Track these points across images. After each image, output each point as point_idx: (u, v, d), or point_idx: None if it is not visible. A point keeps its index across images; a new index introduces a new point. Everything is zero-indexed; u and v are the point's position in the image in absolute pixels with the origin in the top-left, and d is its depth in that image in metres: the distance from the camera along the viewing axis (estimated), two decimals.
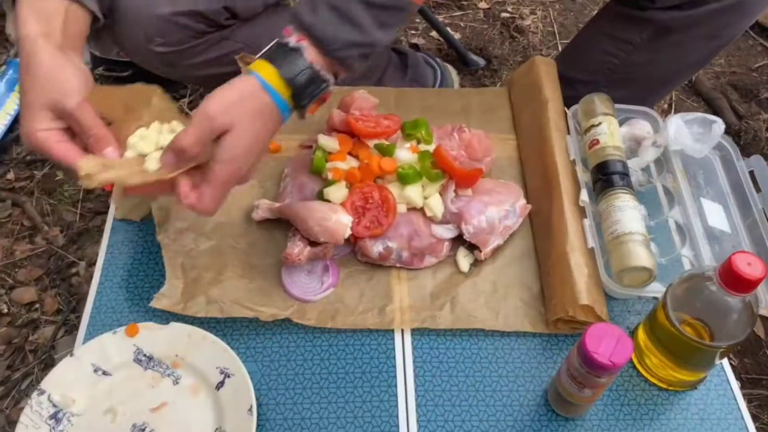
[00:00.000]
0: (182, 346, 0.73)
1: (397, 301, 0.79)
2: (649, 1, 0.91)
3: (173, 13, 0.86)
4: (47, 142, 0.65)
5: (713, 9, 0.88)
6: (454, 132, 0.90)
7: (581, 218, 0.81)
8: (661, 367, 0.74)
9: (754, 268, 0.61)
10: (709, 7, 0.88)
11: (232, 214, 0.84)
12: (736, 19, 0.91)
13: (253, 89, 0.66)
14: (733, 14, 0.90)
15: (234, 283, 0.78)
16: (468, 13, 1.67)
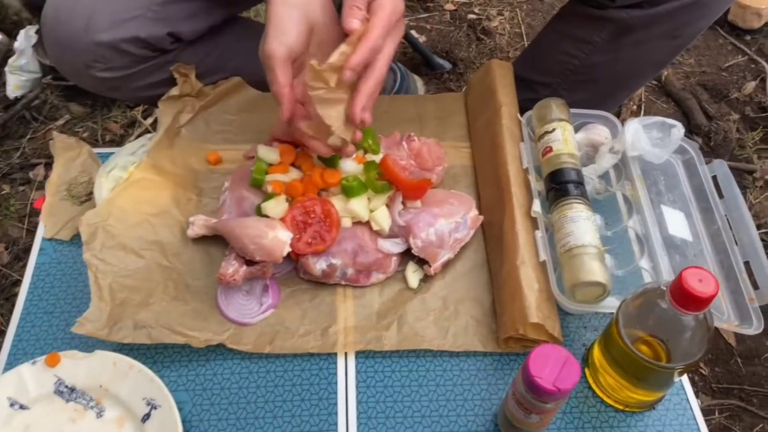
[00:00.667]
0: (107, 376, 0.69)
1: (342, 322, 0.75)
2: (609, 0, 0.88)
3: (114, 41, 0.82)
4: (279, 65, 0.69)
5: (673, 7, 0.85)
6: (402, 141, 0.86)
7: (533, 230, 0.77)
8: (618, 388, 0.70)
9: (705, 284, 0.58)
10: (669, 6, 0.85)
11: (167, 230, 0.80)
12: (696, 17, 0.88)
13: None
14: (693, 12, 0.86)
15: (165, 305, 0.74)
16: (434, 15, 1.64)
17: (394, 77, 1.19)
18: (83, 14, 0.81)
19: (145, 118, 1.37)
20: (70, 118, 1.37)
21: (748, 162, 1.39)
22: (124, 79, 0.88)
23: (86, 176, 0.86)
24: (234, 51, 0.92)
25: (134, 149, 0.87)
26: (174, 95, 0.89)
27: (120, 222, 0.78)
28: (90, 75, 0.85)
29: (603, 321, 0.78)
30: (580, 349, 0.75)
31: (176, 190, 0.83)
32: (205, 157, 0.87)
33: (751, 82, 1.50)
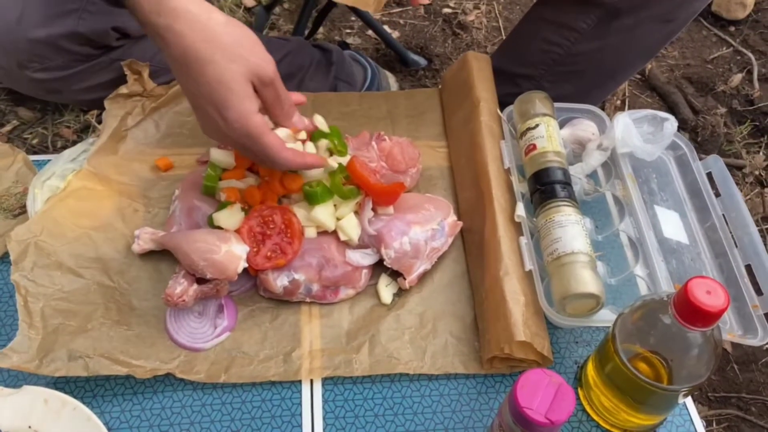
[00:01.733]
0: (37, 415, 0.60)
1: (307, 345, 0.67)
2: None
3: (51, 37, 0.75)
4: (264, 129, 0.59)
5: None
6: (372, 141, 0.78)
7: (517, 236, 0.70)
8: (614, 410, 0.63)
9: (714, 297, 0.51)
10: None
11: (110, 246, 0.71)
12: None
13: None
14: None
15: (106, 331, 0.65)
16: (407, 10, 1.56)
17: (365, 73, 1.12)
18: (13, 8, 0.73)
19: (99, 122, 1.27)
20: (18, 124, 1.27)
21: (736, 157, 1.33)
22: (65, 81, 0.80)
23: (20, 186, 0.77)
24: None
25: (74, 155, 0.78)
26: (123, 94, 0.81)
27: (55, 237, 0.69)
28: (25, 76, 0.78)
29: (596, 335, 0.71)
30: (572, 367, 0.68)
31: (121, 201, 0.75)
32: (154, 162, 0.79)
33: (738, 74, 1.45)
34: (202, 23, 0.56)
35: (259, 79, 0.58)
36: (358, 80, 1.11)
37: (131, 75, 0.80)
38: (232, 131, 0.58)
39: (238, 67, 0.56)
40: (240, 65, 0.56)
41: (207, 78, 0.56)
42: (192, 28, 0.55)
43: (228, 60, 0.56)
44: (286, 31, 1.47)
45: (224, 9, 1.48)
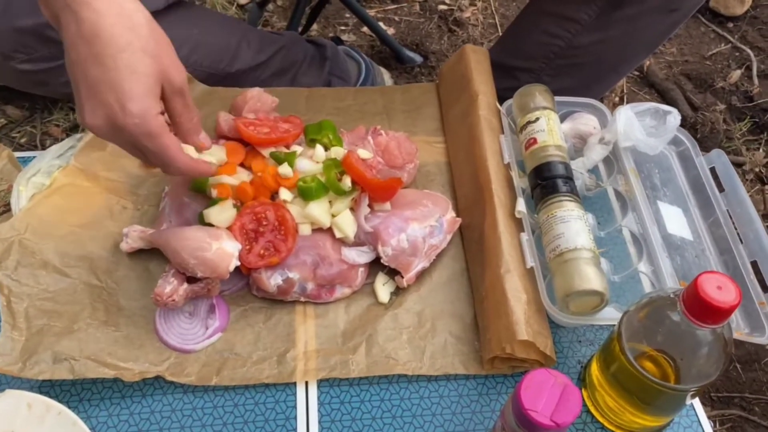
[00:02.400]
0: (20, 421, 0.57)
1: (301, 346, 0.65)
2: None
3: (37, 25, 0.72)
4: (164, 129, 0.55)
5: None
6: (368, 135, 0.76)
7: (518, 232, 0.68)
8: (619, 411, 0.61)
9: (725, 292, 0.49)
10: None
11: (97, 244, 0.69)
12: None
13: None
14: None
15: (93, 332, 0.63)
16: (403, 6, 1.54)
17: (359, 69, 1.10)
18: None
19: None
20: (6, 122, 1.25)
21: (736, 154, 1.32)
22: (51, 72, 0.78)
23: (5, 184, 0.75)
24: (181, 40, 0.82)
25: (61, 151, 0.76)
26: None
27: (40, 236, 0.67)
28: (10, 67, 0.76)
29: (600, 334, 0.69)
30: (576, 367, 0.66)
31: (109, 198, 0.73)
32: None
33: (736, 70, 1.44)
34: (127, 11, 0.53)
35: (169, 83, 0.55)
36: (353, 76, 1.09)
37: None
38: (129, 125, 0.53)
39: (153, 64, 0.53)
40: (155, 62, 0.53)
41: (117, 64, 0.52)
42: (114, 11, 0.52)
43: (144, 53, 0.53)
44: (280, 28, 1.45)
45: (216, 6, 1.46)
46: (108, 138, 0.56)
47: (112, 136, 0.55)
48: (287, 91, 0.86)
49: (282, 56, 0.97)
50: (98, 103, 0.53)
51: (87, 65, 0.52)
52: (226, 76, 0.88)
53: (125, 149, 0.58)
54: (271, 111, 0.77)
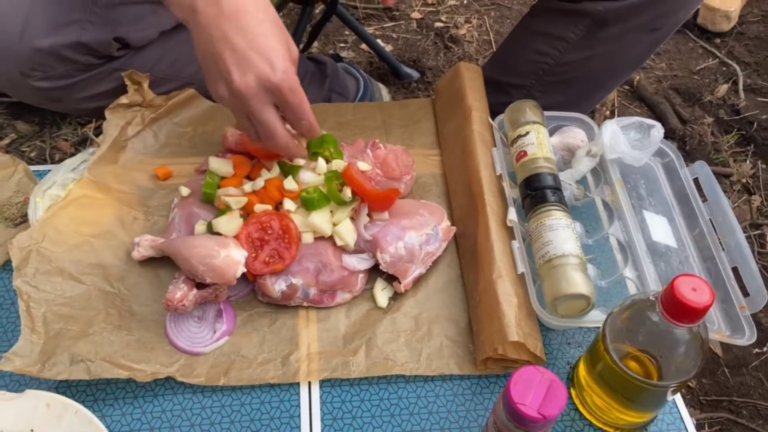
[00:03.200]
0: (39, 419, 0.61)
1: (304, 348, 0.68)
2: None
3: (54, 46, 0.76)
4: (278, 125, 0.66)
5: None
6: (367, 148, 0.80)
7: (509, 240, 0.71)
8: (606, 408, 0.64)
9: (700, 294, 0.53)
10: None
11: (110, 252, 0.73)
12: (675, 8, 0.84)
13: None
14: (671, 3, 0.83)
15: (107, 336, 0.66)
16: (400, 24, 1.59)
17: (357, 85, 1.14)
18: (18, 18, 0.75)
19: (97, 135, 1.29)
20: (16, 137, 1.29)
21: (724, 166, 1.36)
22: (67, 89, 0.81)
23: (21, 196, 0.79)
24: (188, 58, 0.87)
25: (75, 165, 0.80)
26: (123, 104, 0.82)
27: (56, 244, 0.70)
28: (28, 85, 0.79)
29: (588, 336, 0.72)
30: (565, 368, 0.70)
31: (121, 209, 0.76)
32: (154, 172, 0.81)
33: (723, 84, 1.48)
34: None
35: (291, 52, 0.66)
36: (351, 92, 1.13)
37: (132, 85, 0.81)
38: (278, 80, 0.63)
39: (282, 34, 0.65)
40: (284, 33, 0.65)
41: (263, 29, 0.63)
42: None
43: (276, 25, 0.64)
44: None
45: None
46: (248, 101, 0.64)
47: (256, 96, 0.63)
48: None
49: None
50: (248, 67, 0.62)
51: (233, 37, 0.62)
52: None
53: (242, 120, 0.67)
54: None
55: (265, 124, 0.65)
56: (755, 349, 1.12)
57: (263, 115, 0.64)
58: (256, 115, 0.64)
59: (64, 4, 0.76)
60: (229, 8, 0.62)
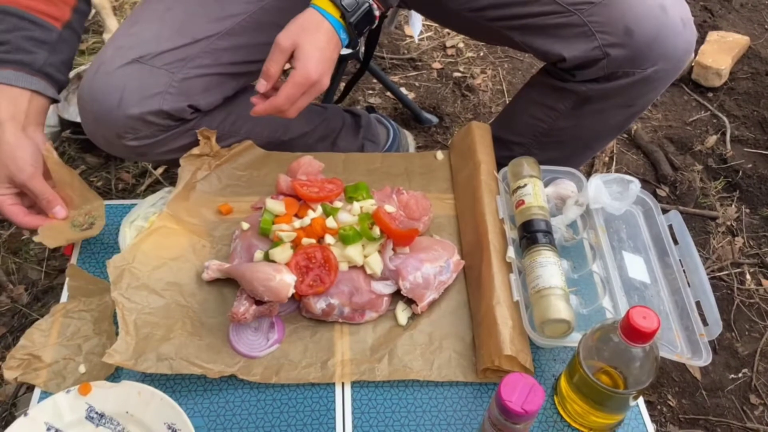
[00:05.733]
0: (133, 404, 0.78)
1: (339, 355, 0.84)
2: (570, 75, 1.01)
3: (142, 114, 0.92)
4: (2, 204, 0.87)
5: (625, 83, 0.98)
6: (393, 194, 0.97)
7: (508, 273, 0.87)
8: (583, 413, 0.79)
9: (648, 321, 0.68)
10: (621, 82, 0.98)
11: (184, 273, 0.90)
12: (646, 90, 1.01)
13: (309, 14, 0.84)
14: (643, 86, 0.99)
15: (183, 340, 0.83)
16: (422, 73, 1.77)
17: (387, 134, 1.32)
18: (115, 92, 0.91)
19: (155, 168, 1.48)
20: (85, 168, 1.48)
21: (711, 209, 1.50)
22: (151, 146, 0.97)
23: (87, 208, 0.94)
24: (246, 118, 1.03)
25: (154, 201, 0.97)
26: (194, 154, 0.99)
27: (143, 265, 0.87)
28: (121, 144, 0.96)
29: (570, 354, 0.88)
30: (551, 380, 0.85)
31: (192, 238, 0.94)
32: (217, 208, 0.98)
33: (713, 135, 1.64)
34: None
35: (12, 181, 0.86)
36: (382, 139, 1.30)
37: (203, 139, 0.99)
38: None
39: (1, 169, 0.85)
40: (2, 169, 0.85)
41: None
42: None
43: None
44: (318, 98, 1.68)
45: None
46: None
47: None
48: (327, 155, 1.07)
49: (324, 125, 1.18)
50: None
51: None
52: (280, 143, 1.10)
53: None
54: (318, 173, 0.98)
55: None
56: (731, 375, 1.26)
57: None
58: None
59: (150, 81, 0.92)
60: None
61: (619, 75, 0.97)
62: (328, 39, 0.83)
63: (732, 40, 1.78)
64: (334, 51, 0.85)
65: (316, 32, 0.83)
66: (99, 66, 0.92)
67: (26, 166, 0.85)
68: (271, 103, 0.84)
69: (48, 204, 0.88)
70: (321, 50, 0.83)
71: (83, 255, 0.95)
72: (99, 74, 0.91)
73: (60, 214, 0.89)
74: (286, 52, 0.83)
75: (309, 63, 0.82)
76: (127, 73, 0.90)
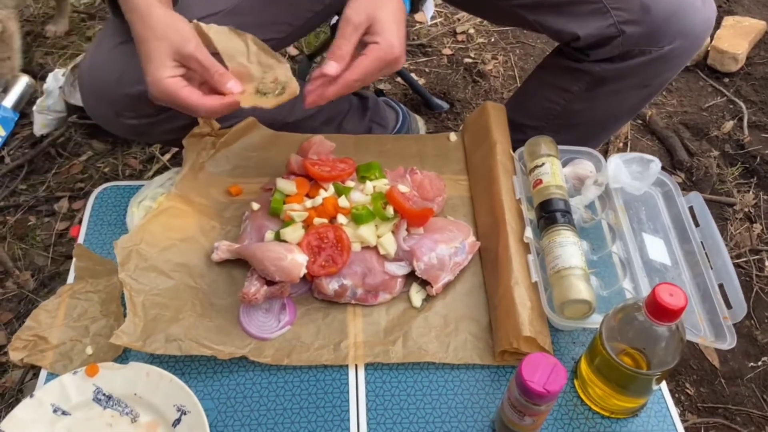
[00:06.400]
0: (141, 385, 0.76)
1: (352, 337, 0.82)
2: (584, 55, 0.98)
3: (141, 92, 0.88)
4: (175, 87, 0.74)
5: (641, 61, 0.95)
6: (406, 174, 0.95)
7: (526, 254, 0.85)
8: (605, 396, 0.77)
9: (676, 298, 0.66)
10: (637, 60, 0.95)
11: (193, 254, 0.88)
12: (663, 70, 0.98)
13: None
14: (660, 65, 0.96)
15: (193, 321, 0.81)
16: (432, 59, 1.75)
17: (396, 117, 1.29)
18: (116, 70, 0.89)
19: (162, 154, 1.46)
20: (92, 154, 1.46)
21: (728, 195, 1.47)
22: (151, 125, 0.96)
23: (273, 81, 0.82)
24: None
25: (162, 182, 0.95)
26: (195, 134, 0.97)
27: (151, 246, 0.85)
28: (120, 122, 0.94)
29: (590, 336, 0.85)
30: (570, 363, 0.83)
31: (201, 219, 0.92)
32: (227, 189, 0.96)
33: (730, 121, 1.61)
34: (146, 13, 0.75)
35: (180, 55, 0.75)
36: (391, 123, 1.28)
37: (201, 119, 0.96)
38: (153, 92, 0.75)
39: (162, 45, 0.74)
40: (164, 43, 0.74)
41: (141, 53, 0.75)
42: (138, 18, 0.75)
43: (155, 39, 0.74)
44: None
45: None
46: (162, 104, 0.77)
47: (160, 102, 0.76)
48: (338, 137, 1.05)
49: (330, 107, 1.15)
50: (145, 82, 0.76)
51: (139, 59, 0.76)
52: (284, 125, 1.07)
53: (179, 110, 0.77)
54: (329, 153, 0.96)
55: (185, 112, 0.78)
56: (750, 363, 1.23)
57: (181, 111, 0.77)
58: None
59: None
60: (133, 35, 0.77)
61: (634, 54, 0.94)
62: (399, 8, 0.79)
63: (748, 25, 1.75)
64: (405, 21, 0.80)
65: (388, 3, 0.78)
66: (99, 42, 0.90)
67: (190, 35, 0.75)
68: (344, 83, 0.77)
69: (221, 78, 0.76)
70: (398, 22, 0.78)
71: (90, 236, 0.93)
72: (99, 51, 0.89)
73: (236, 88, 0.77)
74: (360, 28, 0.77)
75: (392, 36, 0.77)
76: (127, 51, 0.88)
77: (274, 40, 0.99)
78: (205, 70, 0.76)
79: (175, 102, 0.75)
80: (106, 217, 0.95)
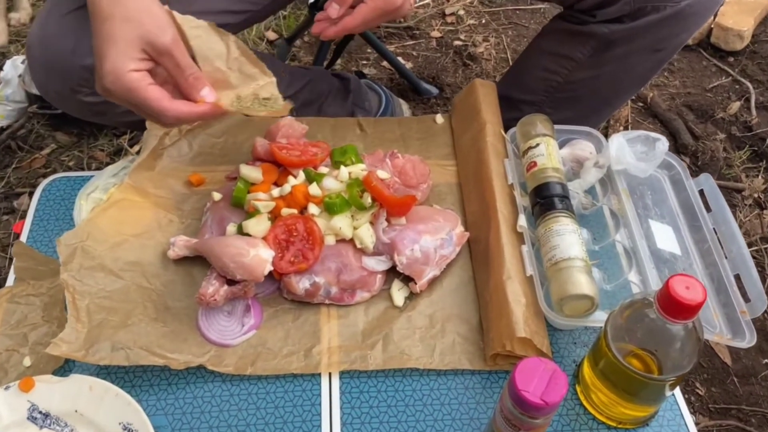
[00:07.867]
0: (83, 401, 0.67)
1: (326, 342, 0.73)
2: (590, 16, 0.89)
3: None
4: (139, 84, 0.61)
5: (654, 20, 0.86)
6: (386, 158, 0.86)
7: (519, 244, 0.76)
8: (610, 404, 0.68)
9: (693, 292, 0.57)
10: (650, 18, 0.86)
11: (147, 251, 0.78)
12: (677, 30, 0.89)
13: None
14: (674, 25, 0.87)
15: (144, 327, 0.72)
16: (420, 42, 1.65)
17: (379, 100, 1.20)
18: (70, 38, 0.79)
19: (131, 146, 1.36)
20: (56, 147, 1.37)
21: (736, 180, 1.39)
22: (110, 104, 0.86)
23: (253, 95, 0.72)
24: None
25: (116, 171, 0.86)
26: None
27: (99, 243, 0.76)
28: (76, 99, 0.84)
29: (593, 336, 0.76)
30: (571, 366, 0.74)
31: (157, 212, 0.82)
32: (187, 178, 0.86)
33: (736, 102, 1.52)
34: None
35: (152, 46, 0.62)
36: (374, 107, 1.19)
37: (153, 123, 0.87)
38: (108, 83, 0.62)
39: (131, 28, 0.61)
40: (134, 27, 0.61)
41: (101, 33, 0.62)
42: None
43: (123, 19, 0.61)
44: (306, 62, 1.56)
45: (247, 42, 1.58)
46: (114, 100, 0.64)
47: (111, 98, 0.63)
48: (315, 120, 0.96)
49: (309, 89, 1.07)
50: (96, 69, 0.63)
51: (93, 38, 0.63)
52: None
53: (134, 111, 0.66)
54: (301, 137, 0.87)
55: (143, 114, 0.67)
56: (764, 360, 1.14)
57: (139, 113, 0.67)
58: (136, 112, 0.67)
59: None
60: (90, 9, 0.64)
61: (647, 11, 0.85)
62: None
63: (753, 0, 1.65)
64: None
65: None
66: (51, 8, 0.80)
67: (168, 24, 0.63)
68: (343, 26, 0.74)
69: (195, 82, 0.65)
70: None
71: (35, 232, 0.84)
72: (50, 18, 0.79)
73: (210, 97, 0.66)
74: None
75: None
76: (82, 17, 0.78)
77: (249, 12, 0.91)
78: (179, 71, 0.64)
79: (136, 101, 0.63)
80: (53, 211, 0.86)
